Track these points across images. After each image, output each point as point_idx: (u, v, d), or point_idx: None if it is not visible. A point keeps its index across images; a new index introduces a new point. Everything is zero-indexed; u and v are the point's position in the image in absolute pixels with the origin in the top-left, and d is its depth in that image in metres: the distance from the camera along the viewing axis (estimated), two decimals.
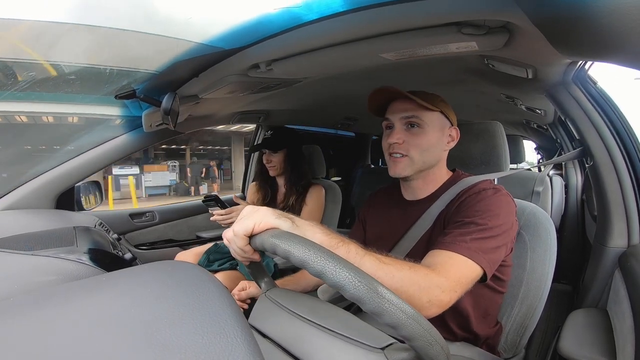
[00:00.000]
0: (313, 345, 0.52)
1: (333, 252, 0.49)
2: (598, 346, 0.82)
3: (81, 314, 0.37)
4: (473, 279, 0.72)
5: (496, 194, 0.82)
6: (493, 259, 0.74)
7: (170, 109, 1.11)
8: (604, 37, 0.48)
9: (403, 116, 0.89)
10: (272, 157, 1.69)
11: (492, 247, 0.74)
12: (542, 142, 2.94)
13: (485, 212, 0.78)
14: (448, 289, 0.66)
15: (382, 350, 0.47)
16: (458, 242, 0.73)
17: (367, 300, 0.44)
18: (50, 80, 1.14)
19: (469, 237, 0.73)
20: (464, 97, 1.68)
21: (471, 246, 0.72)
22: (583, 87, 1.00)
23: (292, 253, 0.50)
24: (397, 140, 0.88)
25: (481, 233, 0.74)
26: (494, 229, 0.75)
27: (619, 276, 0.93)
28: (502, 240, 0.76)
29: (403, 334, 0.43)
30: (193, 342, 0.32)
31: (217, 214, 1.49)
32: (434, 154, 0.91)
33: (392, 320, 0.43)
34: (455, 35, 0.70)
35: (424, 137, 0.88)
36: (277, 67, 0.98)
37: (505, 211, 0.79)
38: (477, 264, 0.71)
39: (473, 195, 0.84)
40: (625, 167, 0.98)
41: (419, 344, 0.43)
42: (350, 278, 0.45)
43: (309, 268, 0.48)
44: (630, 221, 0.99)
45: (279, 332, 0.58)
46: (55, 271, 0.84)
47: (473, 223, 0.76)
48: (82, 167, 1.43)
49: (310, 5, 0.71)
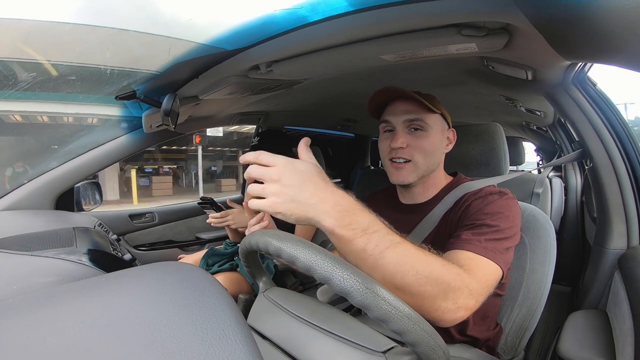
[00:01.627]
0: (314, 349, 0.52)
1: (340, 259, 0.48)
2: (597, 348, 0.82)
3: (80, 315, 0.37)
4: (496, 281, 0.69)
5: (503, 197, 0.82)
6: (507, 259, 0.73)
7: (170, 109, 1.11)
8: (603, 39, 0.49)
9: (406, 119, 0.86)
10: None
11: (505, 247, 0.73)
12: (541, 144, 2.94)
13: (495, 215, 0.77)
14: (476, 292, 0.62)
15: (384, 354, 0.47)
16: (475, 242, 0.71)
17: (374, 307, 0.43)
18: (51, 80, 1.15)
19: (484, 238, 0.72)
20: (464, 99, 1.68)
21: (488, 246, 0.70)
22: (582, 89, 1.01)
23: (298, 259, 0.49)
24: (401, 145, 0.85)
25: (494, 234, 0.73)
26: (505, 231, 0.74)
27: (619, 278, 0.93)
28: (512, 242, 0.76)
29: (408, 339, 0.43)
30: (192, 344, 0.32)
31: (212, 217, 1.49)
32: (436, 158, 0.89)
33: (398, 327, 0.43)
34: (455, 37, 0.71)
35: (428, 140, 0.86)
36: (277, 68, 0.98)
37: (513, 214, 0.79)
38: (497, 264, 0.69)
39: (480, 199, 0.82)
40: (624, 169, 0.98)
41: (422, 349, 0.43)
42: (357, 285, 0.44)
43: (316, 274, 0.47)
44: (630, 223, 0.99)
45: (279, 333, 0.58)
46: (54, 272, 0.84)
47: (485, 225, 0.75)
48: (82, 167, 1.43)
49: (315, 7, 0.71)
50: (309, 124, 2.55)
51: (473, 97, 1.63)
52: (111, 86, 1.16)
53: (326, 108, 2.01)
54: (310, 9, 0.72)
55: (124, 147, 1.50)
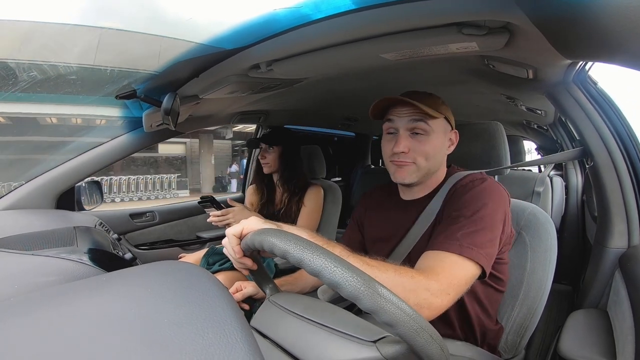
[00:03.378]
0: (308, 342, 0.52)
1: (330, 252, 0.49)
2: (598, 347, 0.82)
3: (81, 314, 0.37)
4: (469, 278, 0.70)
5: (483, 184, 0.81)
6: (489, 252, 0.73)
7: (170, 109, 1.11)
8: (604, 38, 0.49)
9: (409, 125, 0.86)
10: (267, 154, 1.70)
11: (485, 240, 0.73)
12: (542, 143, 2.94)
13: (472, 203, 0.76)
14: (439, 292, 0.65)
15: (374, 343, 0.47)
16: (450, 240, 0.72)
17: (364, 297, 0.44)
18: (51, 80, 1.14)
19: (460, 233, 0.72)
20: (464, 98, 1.68)
21: (463, 243, 0.71)
22: (583, 88, 1.00)
23: (289, 252, 0.50)
24: (403, 149, 0.86)
25: (471, 226, 0.73)
26: (483, 220, 0.74)
27: (619, 277, 0.93)
28: (494, 231, 0.75)
29: (400, 332, 0.43)
30: (193, 342, 0.32)
31: (213, 215, 1.49)
32: (438, 160, 0.90)
33: (389, 318, 0.43)
34: (456, 36, 0.70)
35: (430, 143, 0.86)
36: (278, 67, 0.98)
37: (493, 200, 0.78)
38: (471, 260, 0.70)
39: (460, 188, 0.83)
40: (625, 168, 0.98)
41: (419, 342, 0.43)
42: (346, 276, 0.45)
43: (306, 267, 0.48)
44: (631, 222, 0.99)
45: (277, 331, 0.58)
46: (55, 271, 0.84)
47: (462, 216, 0.75)
48: (82, 167, 1.43)
49: (318, 5, 0.70)
50: (309, 122, 2.55)
51: (474, 96, 1.63)
52: (111, 85, 1.16)
53: (326, 107, 2.01)
54: (313, 7, 0.71)
55: (125, 146, 1.50)
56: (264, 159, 1.71)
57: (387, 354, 0.46)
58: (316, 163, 1.90)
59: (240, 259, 0.66)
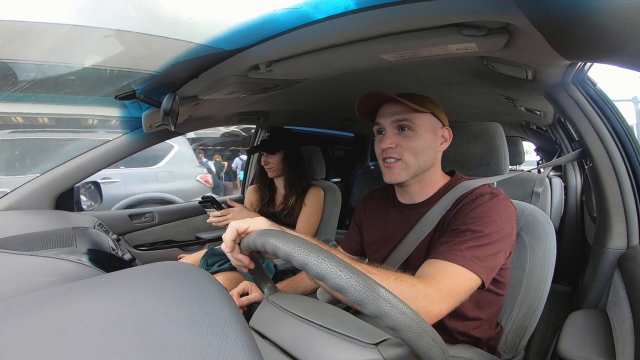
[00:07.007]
0: (309, 344, 0.52)
1: (335, 255, 0.49)
2: (597, 347, 0.82)
3: (80, 315, 0.37)
4: (468, 289, 0.71)
5: (493, 199, 0.81)
6: (491, 266, 0.73)
7: (170, 109, 1.11)
8: (603, 39, 0.49)
9: (393, 120, 0.88)
10: (269, 159, 1.69)
11: (489, 254, 0.73)
12: (541, 144, 2.94)
13: (482, 219, 0.77)
14: (437, 300, 0.65)
15: (376, 345, 0.48)
16: (453, 251, 0.72)
17: (369, 302, 0.44)
18: (50, 81, 1.14)
19: (464, 246, 0.73)
20: (464, 98, 1.68)
21: (466, 255, 0.71)
22: (582, 89, 1.01)
23: (293, 255, 0.50)
24: (389, 145, 0.87)
25: (477, 241, 0.73)
26: (490, 236, 0.74)
27: (618, 277, 0.93)
28: (500, 246, 0.76)
29: (403, 336, 0.43)
30: (192, 343, 0.32)
31: (213, 215, 1.49)
32: (428, 156, 0.89)
33: (393, 323, 0.43)
34: (455, 37, 0.71)
35: (417, 139, 0.87)
36: (277, 68, 0.98)
37: (502, 216, 0.78)
38: (473, 272, 0.70)
39: (470, 202, 0.82)
40: (624, 169, 0.98)
41: (422, 345, 0.43)
42: (351, 281, 0.45)
43: (310, 271, 0.48)
44: (630, 222, 0.99)
45: (277, 332, 0.58)
46: (54, 272, 0.84)
47: (469, 230, 0.75)
48: (82, 167, 1.43)
49: (318, 5, 0.70)
50: (309, 123, 2.55)
51: (473, 96, 1.63)
52: (110, 86, 1.16)
53: (326, 107, 2.01)
54: (313, 7, 0.71)
55: (124, 147, 1.50)
56: (267, 164, 1.70)
57: (389, 357, 0.46)
58: (316, 164, 1.90)
59: (234, 254, 0.66)
